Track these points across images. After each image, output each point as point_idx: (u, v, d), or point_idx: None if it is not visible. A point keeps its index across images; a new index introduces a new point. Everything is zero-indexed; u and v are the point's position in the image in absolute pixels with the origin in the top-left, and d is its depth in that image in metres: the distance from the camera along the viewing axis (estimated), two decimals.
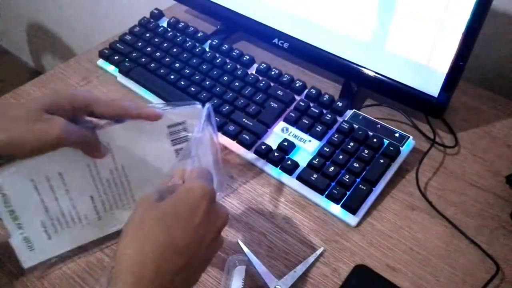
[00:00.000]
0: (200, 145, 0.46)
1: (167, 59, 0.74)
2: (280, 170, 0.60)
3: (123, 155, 0.49)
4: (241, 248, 0.52)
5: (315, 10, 0.66)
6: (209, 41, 0.77)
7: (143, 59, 0.74)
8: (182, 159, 0.46)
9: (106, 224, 0.51)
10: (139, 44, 0.77)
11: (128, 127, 0.47)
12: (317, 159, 0.59)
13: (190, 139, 0.49)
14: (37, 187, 0.47)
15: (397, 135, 0.61)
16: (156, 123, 0.47)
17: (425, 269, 0.51)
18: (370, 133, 0.61)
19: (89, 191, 0.49)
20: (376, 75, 0.65)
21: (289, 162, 0.59)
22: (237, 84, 0.69)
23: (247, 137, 0.62)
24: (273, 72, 0.70)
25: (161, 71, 0.72)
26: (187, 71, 0.71)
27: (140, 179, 0.50)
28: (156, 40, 0.77)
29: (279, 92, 0.67)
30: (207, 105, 0.47)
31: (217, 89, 0.68)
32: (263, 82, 0.68)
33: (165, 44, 0.76)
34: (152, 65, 0.73)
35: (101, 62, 0.77)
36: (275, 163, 0.60)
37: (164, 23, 0.82)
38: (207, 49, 0.75)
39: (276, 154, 0.60)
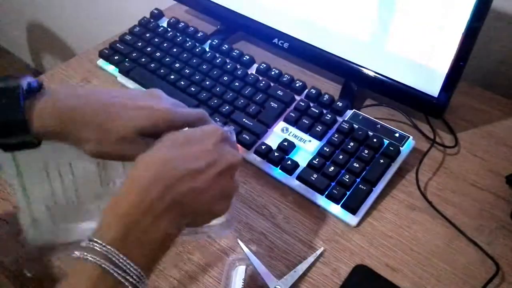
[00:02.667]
0: None
1: (167, 59, 0.74)
2: (280, 170, 0.60)
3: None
4: (241, 248, 0.52)
5: (315, 10, 0.66)
6: (209, 41, 0.77)
7: (143, 59, 0.74)
8: None
9: None
10: (139, 44, 0.77)
11: None
12: (317, 159, 0.59)
13: None
14: (48, 171, 0.48)
15: (397, 135, 0.61)
16: None
17: (425, 269, 0.51)
18: (370, 133, 0.61)
19: (96, 189, 0.49)
20: (376, 75, 0.65)
21: (289, 162, 0.59)
22: (237, 84, 0.69)
23: (247, 137, 0.62)
24: (273, 72, 0.70)
25: (161, 71, 0.72)
26: (187, 71, 0.71)
27: None
28: (156, 40, 0.77)
29: (279, 92, 0.67)
30: (230, 129, 0.48)
31: (217, 89, 0.68)
32: (263, 82, 0.68)
33: (165, 44, 0.76)
34: (152, 65, 0.73)
35: (101, 62, 0.77)
36: (275, 163, 0.60)
37: (164, 23, 0.82)
38: (207, 49, 0.75)
39: (276, 154, 0.60)
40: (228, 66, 0.71)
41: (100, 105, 0.41)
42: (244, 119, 0.64)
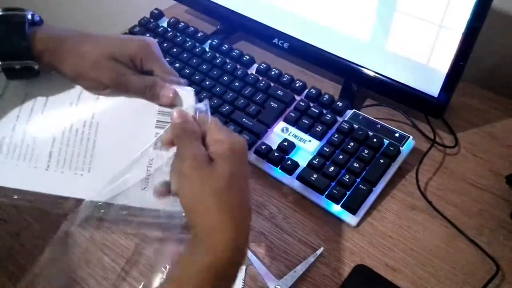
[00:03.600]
0: None
1: (167, 59, 0.73)
2: (280, 170, 0.60)
3: (103, 113, 0.48)
4: None
5: (315, 10, 0.66)
6: (209, 41, 0.77)
7: None
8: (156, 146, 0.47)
9: (49, 181, 0.46)
10: None
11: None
12: (317, 159, 0.59)
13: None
14: (24, 101, 0.47)
15: (397, 135, 0.61)
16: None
17: (425, 269, 0.51)
18: (370, 133, 0.61)
19: (55, 131, 0.47)
20: (376, 75, 0.65)
21: (289, 162, 0.59)
22: (237, 84, 0.69)
23: (247, 137, 0.62)
24: (273, 72, 0.70)
25: None
26: (187, 71, 0.71)
27: (106, 147, 0.47)
28: (156, 40, 0.77)
29: (279, 92, 0.67)
30: (205, 101, 0.47)
31: (217, 89, 0.68)
32: (263, 82, 0.68)
33: (165, 44, 0.76)
34: None
35: None
36: (275, 163, 0.60)
37: (164, 23, 0.82)
38: (207, 49, 0.75)
39: (276, 154, 0.60)
40: (228, 66, 0.71)
41: (82, 36, 0.47)
42: (244, 119, 0.64)
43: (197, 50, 0.74)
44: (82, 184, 0.46)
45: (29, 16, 0.45)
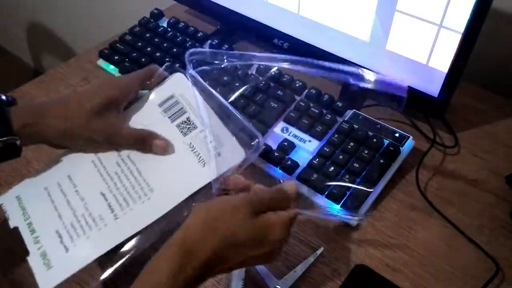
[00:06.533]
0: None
1: (167, 59, 0.74)
2: (280, 170, 0.59)
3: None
4: None
5: (315, 10, 0.66)
6: (209, 41, 0.77)
7: (143, 59, 0.74)
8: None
9: (125, 225, 0.46)
10: (139, 44, 0.77)
11: None
12: (317, 159, 0.59)
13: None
14: (51, 194, 0.47)
15: (397, 135, 0.61)
16: (147, 106, 0.50)
17: (425, 269, 0.51)
18: (370, 133, 0.61)
19: (99, 187, 0.48)
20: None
21: (289, 162, 0.59)
22: (237, 84, 0.68)
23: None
24: (273, 72, 0.70)
25: None
26: None
27: (150, 165, 0.48)
28: (156, 40, 0.77)
29: (279, 92, 0.67)
30: (190, 71, 0.49)
31: None
32: (263, 82, 0.68)
33: (165, 44, 0.76)
34: None
35: (101, 62, 0.77)
36: (275, 163, 0.60)
37: (164, 23, 0.82)
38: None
39: (276, 154, 0.60)
40: (228, 67, 0.71)
41: (62, 100, 0.50)
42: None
43: None
44: (154, 204, 0.46)
45: (3, 97, 0.48)
